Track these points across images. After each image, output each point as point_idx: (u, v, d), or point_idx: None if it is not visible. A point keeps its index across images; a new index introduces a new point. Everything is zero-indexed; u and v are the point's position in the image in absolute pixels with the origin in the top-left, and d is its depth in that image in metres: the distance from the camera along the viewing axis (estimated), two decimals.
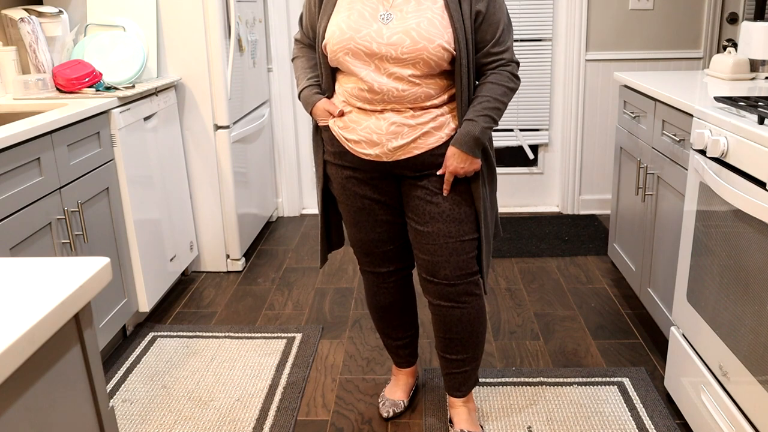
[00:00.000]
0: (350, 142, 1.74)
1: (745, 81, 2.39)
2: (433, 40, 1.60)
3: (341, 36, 1.64)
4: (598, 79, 3.74)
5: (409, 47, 1.60)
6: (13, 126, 1.90)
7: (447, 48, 1.61)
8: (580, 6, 3.61)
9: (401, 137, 1.69)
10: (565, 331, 2.58)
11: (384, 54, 1.62)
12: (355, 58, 1.65)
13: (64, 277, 0.81)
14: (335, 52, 1.67)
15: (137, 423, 2.08)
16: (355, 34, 1.63)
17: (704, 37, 3.65)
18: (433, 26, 1.60)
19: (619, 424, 2.02)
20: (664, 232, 2.30)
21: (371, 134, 1.70)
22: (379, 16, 1.64)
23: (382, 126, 1.69)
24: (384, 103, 1.68)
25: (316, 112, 1.79)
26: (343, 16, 1.66)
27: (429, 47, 1.60)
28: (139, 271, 2.55)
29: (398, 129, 1.68)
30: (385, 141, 1.70)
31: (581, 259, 3.24)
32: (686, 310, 1.96)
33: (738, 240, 1.64)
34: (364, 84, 1.67)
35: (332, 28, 1.67)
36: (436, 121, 1.70)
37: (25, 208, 1.89)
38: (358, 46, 1.63)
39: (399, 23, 1.62)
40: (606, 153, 3.86)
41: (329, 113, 1.77)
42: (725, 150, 1.71)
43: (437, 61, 1.62)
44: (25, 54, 2.63)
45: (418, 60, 1.61)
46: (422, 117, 1.69)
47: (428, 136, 1.71)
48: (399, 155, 1.71)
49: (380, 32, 1.62)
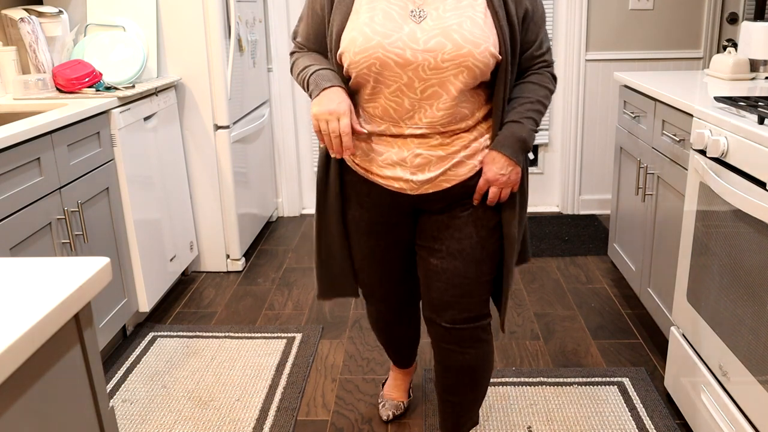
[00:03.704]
0: (369, 173, 1.52)
1: (745, 81, 2.38)
2: (479, 43, 1.34)
3: (366, 43, 1.35)
4: (598, 79, 3.74)
5: (451, 53, 1.34)
6: (13, 126, 1.90)
7: (494, 53, 1.37)
8: (580, 6, 3.61)
9: (428, 170, 1.46)
10: (565, 331, 2.58)
11: (420, 63, 1.35)
12: (384, 69, 1.37)
13: (64, 277, 0.81)
14: (358, 64, 1.38)
15: (137, 423, 2.08)
16: (384, 40, 1.34)
17: (704, 37, 3.65)
18: (477, 27, 1.35)
19: (619, 424, 2.02)
20: (664, 232, 2.30)
21: (394, 167, 1.47)
22: (410, 13, 1.37)
23: (407, 157, 1.46)
24: (412, 126, 1.44)
25: (330, 104, 1.39)
26: (365, 17, 1.37)
27: (475, 52, 1.34)
28: (139, 271, 2.55)
29: (425, 161, 1.45)
30: (410, 174, 1.47)
31: (581, 259, 3.24)
32: (686, 310, 1.96)
33: (738, 240, 1.64)
34: (392, 102, 1.41)
35: (352, 33, 1.37)
36: (468, 148, 1.47)
37: (25, 208, 1.89)
38: (389, 55, 1.35)
39: (436, 23, 1.36)
40: (606, 153, 3.86)
41: (348, 121, 1.40)
42: (725, 150, 1.71)
43: (483, 69, 1.37)
44: (25, 54, 2.63)
45: (461, 68, 1.35)
46: (453, 145, 1.46)
47: (459, 166, 1.47)
48: (426, 189, 1.49)
49: (414, 36, 1.35)
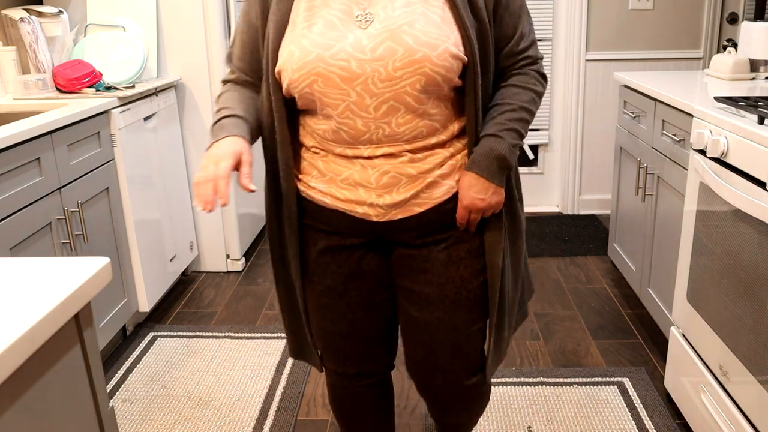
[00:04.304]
0: (328, 196, 1.27)
1: (745, 81, 2.39)
2: (435, 44, 1.13)
3: (304, 57, 1.14)
4: (598, 79, 3.74)
5: (403, 59, 1.12)
6: (13, 126, 1.90)
7: (457, 54, 1.15)
8: (580, 6, 3.61)
9: (397, 191, 1.23)
10: (565, 331, 2.58)
11: (369, 75, 1.13)
12: (327, 87, 1.16)
13: (64, 277, 0.81)
14: (297, 83, 1.16)
15: (137, 423, 2.08)
16: (325, 52, 1.14)
17: (704, 37, 3.65)
18: (433, 25, 1.14)
19: (619, 424, 2.02)
20: (664, 232, 2.30)
21: (356, 187, 1.23)
22: (355, 18, 1.16)
23: (371, 176, 1.22)
24: (372, 145, 1.21)
25: (215, 151, 1.15)
26: (302, 28, 1.17)
27: (432, 55, 1.12)
28: (139, 271, 2.55)
29: (393, 180, 1.22)
30: (376, 197, 1.23)
31: (581, 259, 3.24)
32: (686, 310, 1.96)
33: (738, 240, 1.64)
34: (342, 123, 1.19)
35: (289, 47, 1.17)
36: (444, 166, 1.24)
37: (25, 208, 1.89)
38: (331, 69, 1.14)
39: (384, 25, 1.14)
40: (606, 153, 3.86)
41: (231, 165, 1.13)
42: (725, 150, 1.71)
43: (444, 74, 1.15)
44: (25, 54, 2.63)
45: (417, 76, 1.14)
46: (425, 162, 1.23)
47: (434, 187, 1.24)
48: (394, 214, 1.25)
49: (360, 44, 1.14)
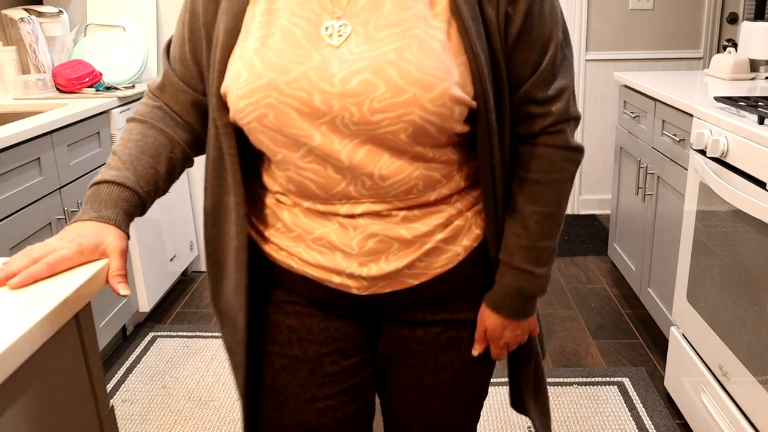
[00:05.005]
0: (294, 258, 0.96)
1: (745, 81, 2.39)
2: (431, 83, 0.81)
3: (253, 81, 0.84)
4: (598, 79, 3.74)
5: (384, 99, 0.81)
6: (13, 126, 1.90)
7: (460, 97, 0.83)
8: (580, 6, 3.61)
9: (386, 260, 0.93)
10: (565, 331, 2.58)
11: (337, 114, 0.83)
12: (282, 124, 0.85)
13: (64, 277, 0.81)
14: (243, 114, 0.86)
15: (137, 423, 2.08)
16: (281, 78, 0.83)
17: (704, 37, 3.65)
18: (431, 55, 0.82)
19: (619, 424, 2.02)
20: (664, 232, 2.30)
21: (332, 251, 0.93)
22: (324, 30, 0.85)
23: (352, 240, 0.92)
24: (349, 202, 0.91)
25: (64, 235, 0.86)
26: (256, 38, 0.86)
27: (424, 98, 0.81)
28: (139, 271, 2.55)
29: (381, 246, 0.92)
30: (358, 266, 0.93)
31: (581, 259, 3.24)
32: (686, 310, 1.96)
33: (738, 240, 1.64)
34: (308, 172, 0.89)
35: (236, 64, 0.87)
36: (449, 227, 0.95)
37: (25, 208, 1.89)
38: (287, 102, 0.83)
39: (363, 48, 0.83)
40: (606, 153, 3.86)
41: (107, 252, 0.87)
42: (725, 150, 1.71)
43: (439, 123, 0.84)
44: (25, 54, 2.63)
45: (401, 124, 0.83)
46: (423, 222, 0.94)
47: (434, 254, 0.95)
48: (381, 287, 0.96)
49: (327, 70, 0.83)
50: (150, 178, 0.95)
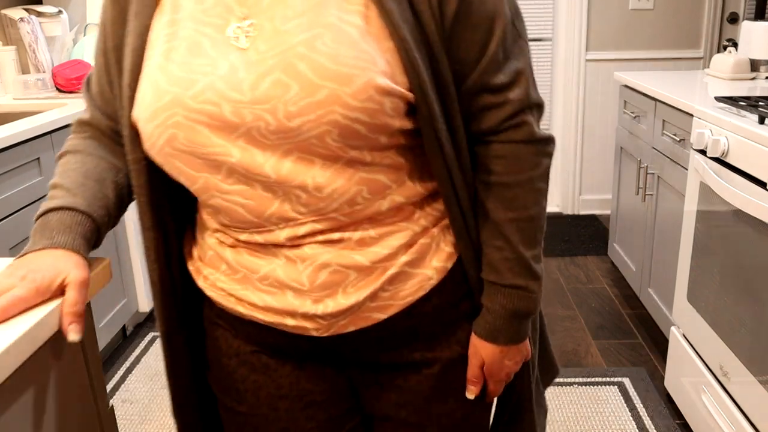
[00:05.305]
0: (243, 303, 0.85)
1: (745, 81, 2.38)
2: (350, 75, 0.71)
3: (156, 102, 0.76)
4: (598, 79, 3.73)
5: (299, 101, 0.72)
6: (13, 126, 1.90)
7: (388, 87, 0.73)
8: (580, 6, 3.61)
9: (344, 293, 0.81)
10: (565, 331, 2.58)
11: (251, 126, 0.74)
12: (195, 144, 0.75)
13: None
14: (152, 140, 0.77)
15: (137, 423, 2.08)
16: (186, 92, 0.74)
17: (704, 37, 3.65)
18: (347, 43, 0.72)
19: (619, 424, 2.02)
20: (664, 232, 2.30)
21: (281, 290, 0.82)
22: (228, 33, 0.76)
23: (302, 274, 0.80)
24: (288, 224, 0.79)
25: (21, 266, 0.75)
26: (160, 54, 0.78)
27: (344, 93, 0.71)
28: (139, 271, 2.55)
29: (335, 277, 0.81)
30: (312, 303, 0.81)
31: (581, 259, 3.24)
32: (686, 310, 1.96)
33: (738, 240, 1.64)
34: (234, 196, 0.78)
35: (142, 84, 0.78)
36: (412, 247, 0.83)
37: (25, 207, 1.89)
38: (195, 117, 0.74)
39: (271, 45, 0.74)
40: (606, 153, 3.86)
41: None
42: (725, 150, 1.71)
43: (369, 121, 0.73)
44: (24, 54, 2.63)
45: (324, 127, 0.73)
46: (381, 244, 0.81)
47: (400, 280, 0.83)
48: (343, 326, 0.83)
49: (235, 76, 0.74)
50: (101, 203, 0.84)
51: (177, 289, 0.91)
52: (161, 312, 0.90)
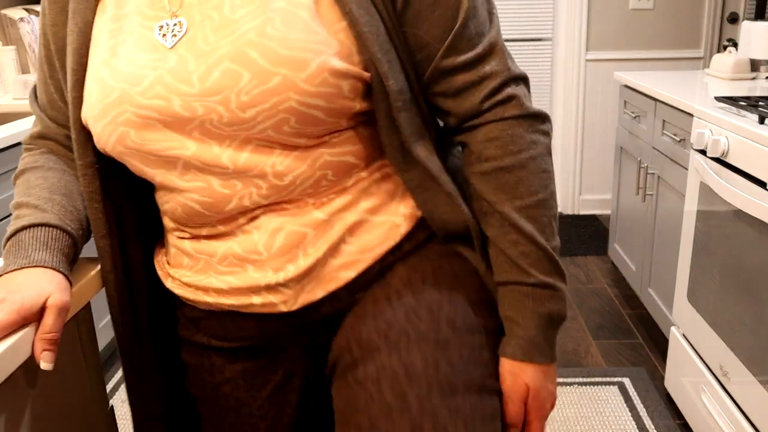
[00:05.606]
0: (209, 292, 0.81)
1: (745, 81, 2.38)
2: (303, 59, 0.69)
3: (104, 98, 0.73)
4: (598, 79, 3.73)
5: (252, 89, 0.69)
6: (13, 126, 1.90)
7: (344, 69, 0.70)
8: (580, 6, 3.61)
9: (305, 253, 0.76)
10: (565, 331, 2.58)
11: (203, 118, 0.71)
12: (147, 140, 0.73)
13: None
14: (103, 139, 0.75)
15: None
16: (134, 88, 0.72)
17: (704, 37, 3.65)
18: (298, 26, 0.70)
19: (619, 424, 2.02)
20: (664, 232, 2.30)
21: (242, 266, 0.78)
22: (156, 31, 0.74)
23: (258, 242, 0.77)
24: (248, 214, 0.77)
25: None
26: (105, 50, 0.75)
27: (298, 79, 0.68)
28: None
29: (294, 239, 0.76)
30: (273, 273, 0.77)
31: (581, 259, 3.24)
32: (686, 310, 1.96)
33: (738, 240, 1.64)
34: (192, 193, 0.76)
35: (88, 83, 0.76)
36: (375, 194, 0.79)
37: None
38: (144, 114, 0.72)
39: (220, 34, 0.71)
40: (606, 153, 3.86)
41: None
42: (726, 150, 1.71)
43: (326, 105, 0.71)
44: (24, 54, 2.63)
45: (281, 115, 0.70)
46: (341, 198, 0.77)
47: (363, 230, 0.78)
48: (311, 291, 0.78)
49: (184, 68, 0.71)
50: (72, 216, 0.79)
51: (138, 303, 0.87)
52: (120, 326, 0.85)
